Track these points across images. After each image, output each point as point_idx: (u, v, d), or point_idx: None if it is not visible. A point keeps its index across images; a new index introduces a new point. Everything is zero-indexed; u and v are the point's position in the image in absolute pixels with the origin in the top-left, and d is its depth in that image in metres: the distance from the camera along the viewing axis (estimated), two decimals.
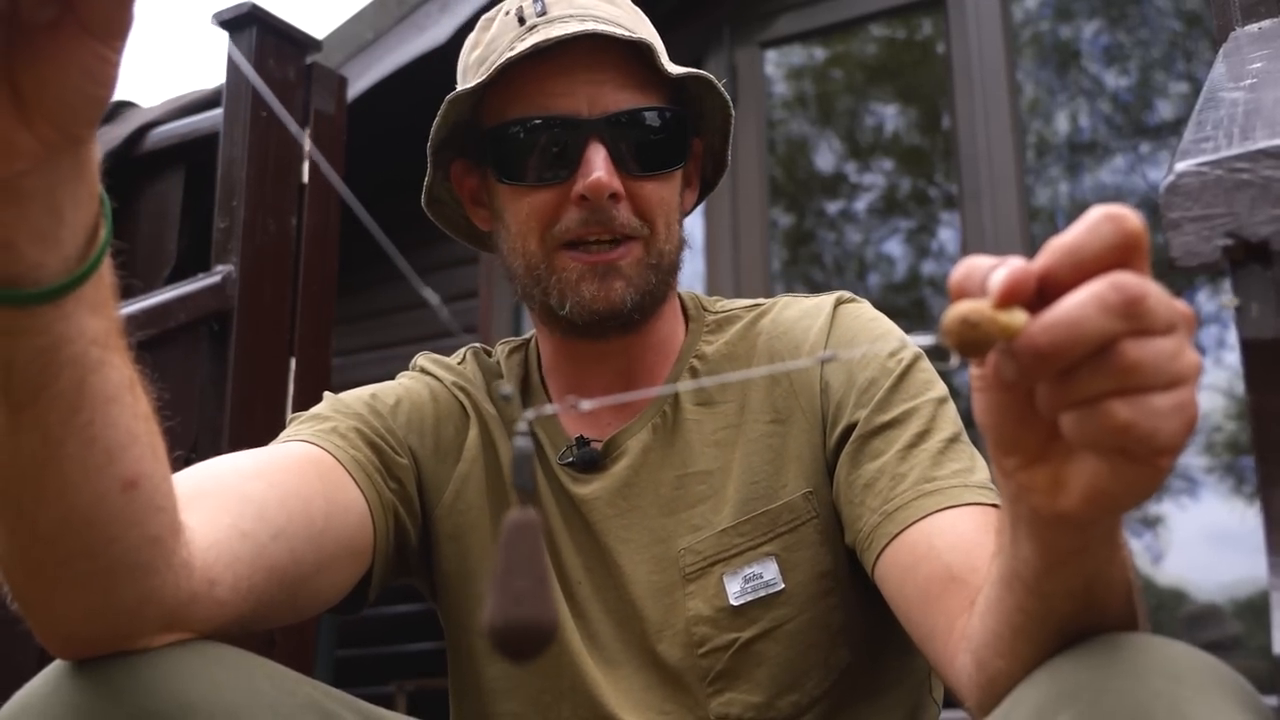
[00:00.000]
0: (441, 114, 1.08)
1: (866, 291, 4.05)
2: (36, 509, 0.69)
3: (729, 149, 1.17)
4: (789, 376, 1.09)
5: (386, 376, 1.19)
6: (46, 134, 0.58)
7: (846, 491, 1.02)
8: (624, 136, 1.05)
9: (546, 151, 1.05)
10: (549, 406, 1.08)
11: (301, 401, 2.09)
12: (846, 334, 1.10)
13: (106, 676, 0.73)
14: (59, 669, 0.75)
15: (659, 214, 1.07)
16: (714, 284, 3.81)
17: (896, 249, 4.20)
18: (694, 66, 1.11)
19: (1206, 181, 0.69)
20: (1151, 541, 3.64)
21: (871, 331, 1.09)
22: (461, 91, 1.07)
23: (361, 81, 3.94)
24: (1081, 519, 0.60)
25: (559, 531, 1.10)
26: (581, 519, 1.10)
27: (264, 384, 2.09)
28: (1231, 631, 3.27)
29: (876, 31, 4.17)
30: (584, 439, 1.12)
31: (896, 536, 0.95)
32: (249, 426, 2.01)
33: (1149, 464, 0.55)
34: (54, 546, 0.70)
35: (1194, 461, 3.55)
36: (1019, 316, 0.54)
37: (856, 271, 4.20)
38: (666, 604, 1.06)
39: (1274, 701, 0.93)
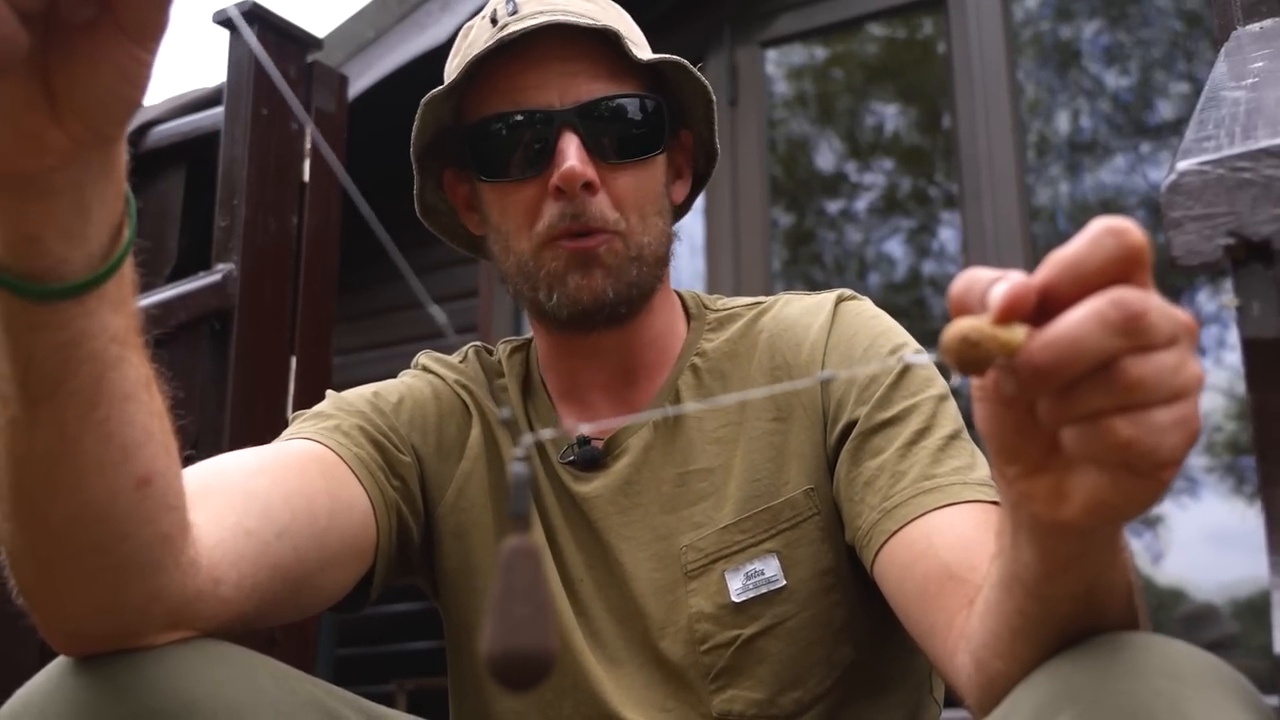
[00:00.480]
0: (419, 117, 1.09)
1: (867, 291, 4.04)
2: (50, 503, 0.69)
3: (715, 137, 1.17)
4: (790, 374, 1.09)
5: (387, 375, 1.19)
6: (77, 131, 0.59)
7: (847, 489, 1.02)
8: (598, 125, 1.05)
9: (522, 145, 1.05)
10: (546, 432, 1.10)
11: (302, 400, 2.09)
12: (847, 332, 1.10)
13: (109, 674, 0.73)
14: (61, 666, 0.75)
15: (634, 206, 1.06)
16: (714, 283, 3.81)
17: (897, 249, 4.20)
18: (695, 66, 1.10)
19: (1208, 180, 0.69)
20: (1151, 541, 3.64)
21: (872, 329, 1.09)
22: (436, 93, 1.07)
23: (362, 80, 3.94)
24: (1082, 528, 0.60)
25: (561, 530, 1.10)
26: (583, 517, 1.10)
27: (265, 382, 2.09)
28: (1229, 631, 3.27)
29: (877, 31, 4.17)
30: (585, 437, 1.12)
31: (895, 534, 0.95)
32: (250, 425, 2.01)
33: (1151, 477, 0.55)
34: (65, 542, 0.70)
35: (1194, 461, 3.55)
36: (1019, 332, 0.53)
37: (857, 271, 4.20)
38: (669, 601, 1.06)
39: (1275, 701, 0.93)
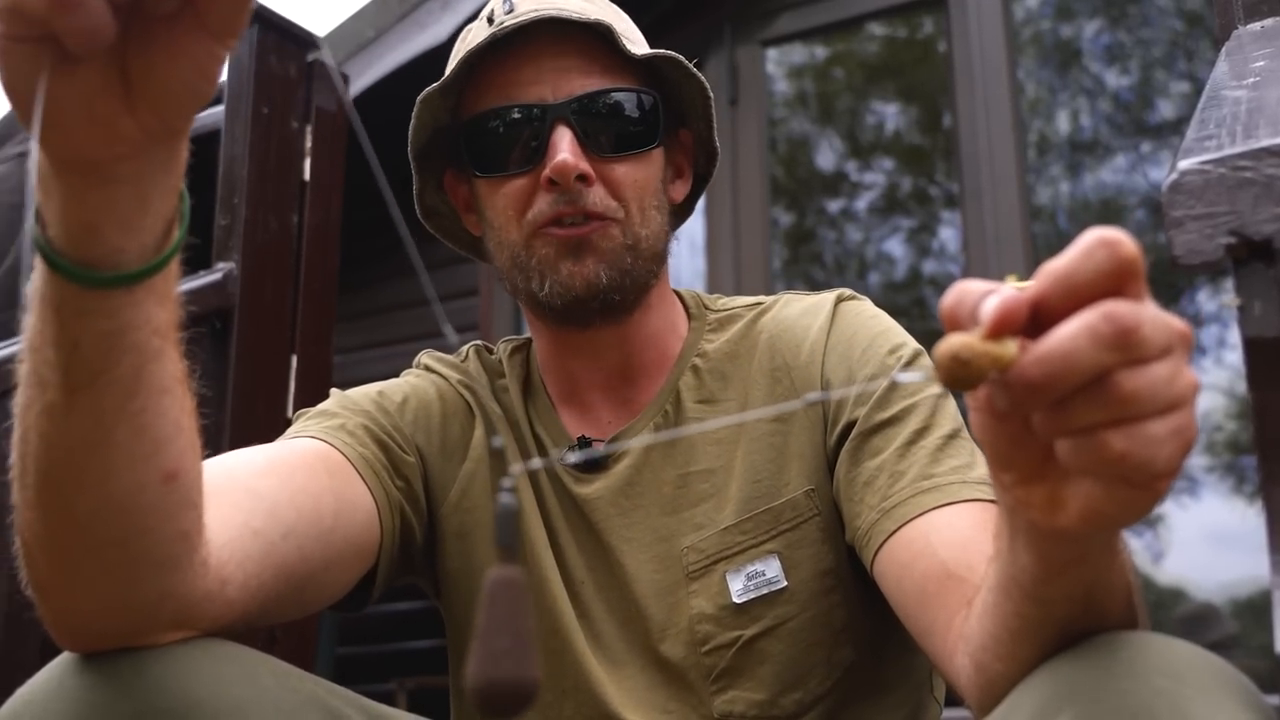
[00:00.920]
0: (415, 116, 1.09)
1: (867, 290, 4.05)
2: (77, 492, 0.69)
3: (714, 135, 1.16)
4: (790, 375, 1.09)
5: (388, 374, 1.19)
6: (148, 122, 0.60)
7: (846, 489, 1.02)
8: (591, 119, 1.05)
9: (516, 140, 1.06)
10: (535, 461, 1.10)
11: (303, 399, 2.09)
12: (847, 332, 1.09)
13: (111, 672, 0.73)
14: (63, 664, 0.75)
15: (632, 196, 1.06)
16: (715, 283, 3.82)
17: (897, 248, 4.20)
18: (695, 66, 1.10)
19: (1209, 180, 0.69)
20: (1152, 541, 3.65)
21: (871, 329, 1.09)
22: (431, 91, 1.08)
23: (363, 79, 3.95)
24: (1079, 535, 0.60)
25: (562, 531, 1.10)
26: (584, 519, 1.10)
27: (265, 381, 2.09)
28: (1229, 631, 3.27)
29: (877, 30, 4.17)
30: (586, 439, 1.12)
31: (894, 534, 0.95)
32: (250, 423, 2.01)
33: (1147, 488, 0.55)
34: (86, 532, 0.70)
35: (1194, 461, 3.55)
36: (1010, 347, 0.53)
37: (857, 270, 4.20)
38: (670, 603, 1.06)
39: (1276, 700, 0.93)
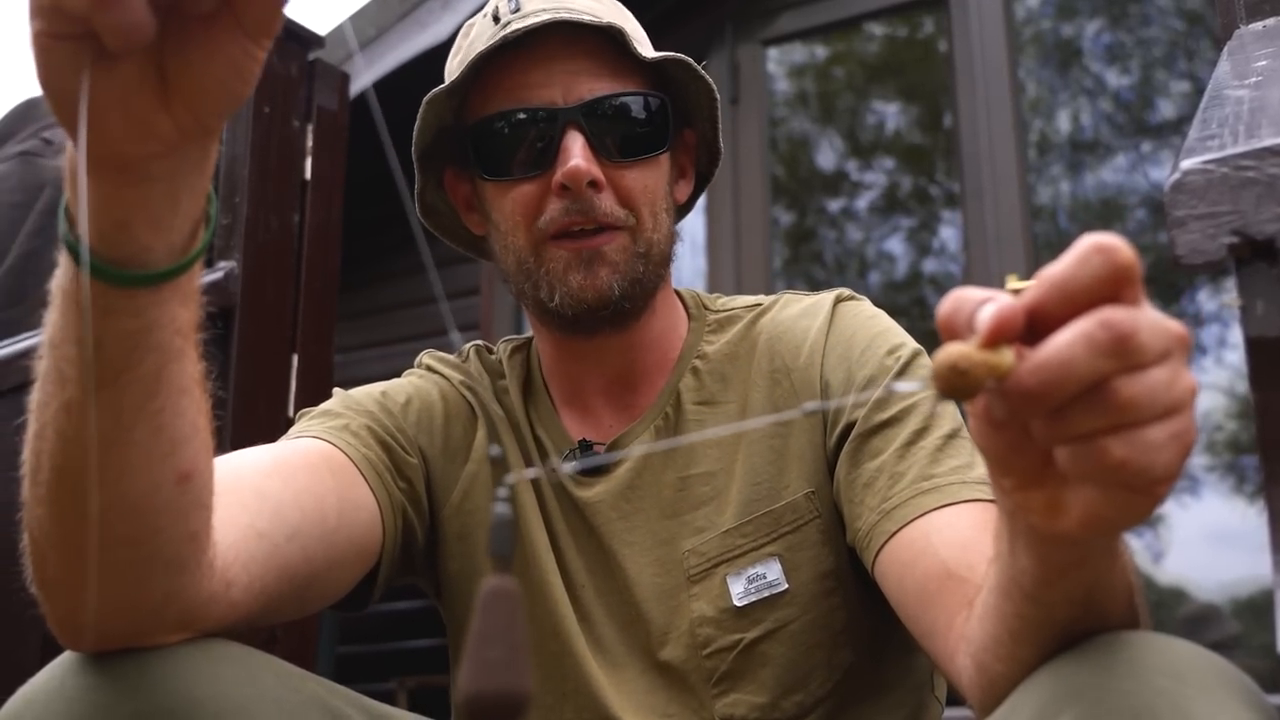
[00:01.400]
0: (421, 116, 1.08)
1: (868, 290, 4.05)
2: (92, 490, 0.69)
3: (719, 136, 1.16)
4: (789, 376, 1.09)
5: (388, 373, 1.19)
6: (184, 120, 0.60)
7: (846, 490, 1.01)
8: (602, 123, 1.05)
9: (525, 143, 1.05)
10: (529, 471, 1.10)
11: (304, 398, 2.09)
12: (845, 332, 1.09)
13: (112, 672, 0.73)
14: (64, 664, 0.75)
15: (643, 202, 1.06)
16: (715, 282, 3.81)
17: (898, 247, 4.20)
18: (696, 64, 1.10)
19: (1212, 179, 0.69)
20: (1152, 540, 3.64)
21: (870, 330, 1.09)
22: (437, 92, 1.07)
23: (363, 78, 3.94)
24: (1079, 539, 0.60)
25: (563, 535, 1.10)
26: (585, 522, 1.10)
27: (266, 380, 2.09)
28: (1231, 631, 3.27)
29: (878, 29, 4.17)
30: (587, 442, 1.11)
31: (895, 535, 0.94)
32: (251, 422, 2.01)
33: (1147, 493, 0.55)
34: (99, 530, 0.70)
35: (1195, 460, 3.54)
36: (1008, 356, 0.53)
37: (858, 270, 4.20)
38: (671, 606, 1.06)
39: (1278, 700, 0.93)
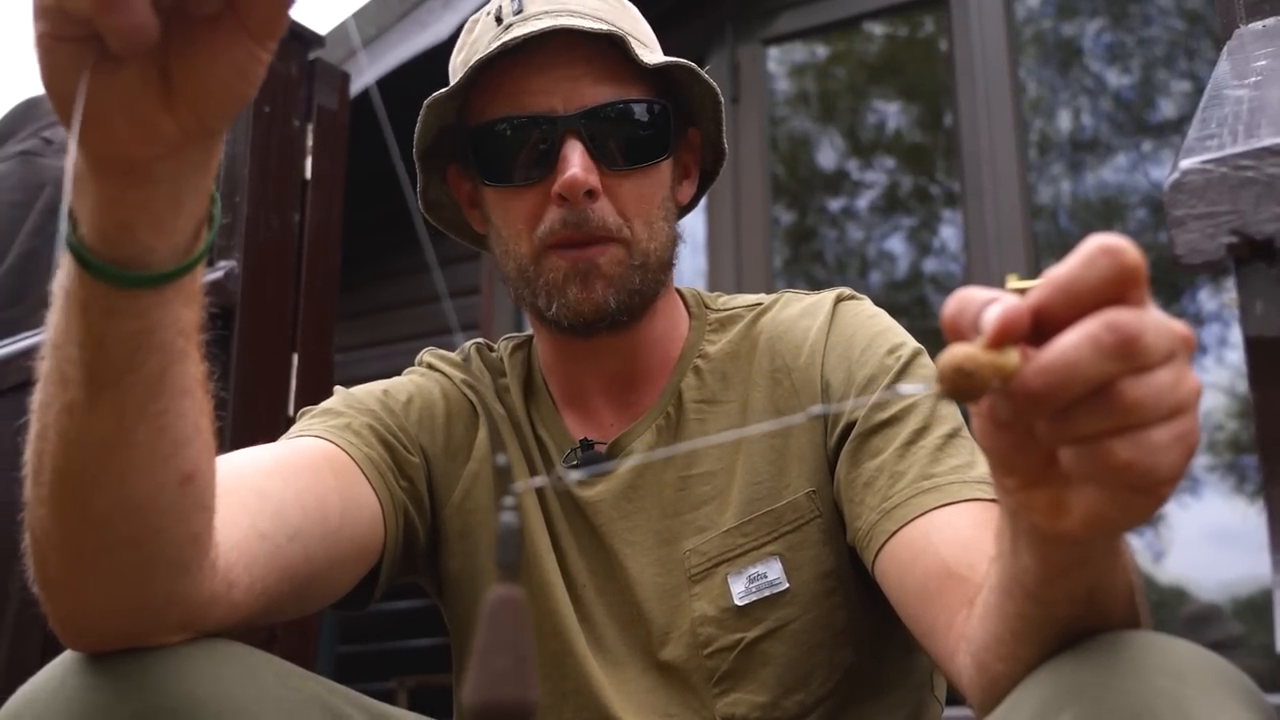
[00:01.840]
0: (422, 119, 1.08)
1: (868, 289, 4.05)
2: (94, 491, 0.69)
3: (724, 137, 1.15)
4: (790, 375, 1.09)
5: (388, 373, 1.19)
6: (187, 122, 0.60)
7: (847, 490, 1.01)
8: (602, 131, 1.04)
9: (525, 150, 1.04)
10: (536, 479, 1.09)
11: (304, 397, 2.09)
12: (846, 332, 1.09)
13: (113, 672, 0.73)
14: (64, 663, 0.75)
15: (638, 213, 1.05)
16: (716, 281, 3.81)
17: (898, 246, 4.20)
18: (696, 63, 1.10)
19: (1211, 179, 0.69)
20: (1153, 540, 3.64)
21: (870, 329, 1.09)
22: (439, 95, 1.06)
23: (364, 77, 3.94)
24: (1082, 539, 0.60)
25: (564, 534, 1.10)
26: (586, 522, 1.10)
27: (266, 379, 2.09)
28: (1232, 631, 3.27)
29: (879, 29, 4.16)
30: (589, 441, 1.11)
31: (895, 534, 0.94)
32: (252, 422, 2.01)
33: (1151, 494, 0.55)
34: (101, 532, 0.70)
35: (1196, 460, 3.54)
36: (1013, 357, 0.53)
37: (858, 269, 4.20)
38: (672, 605, 1.06)
39: (1278, 700, 0.93)
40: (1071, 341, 0.52)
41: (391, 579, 1.07)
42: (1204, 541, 3.63)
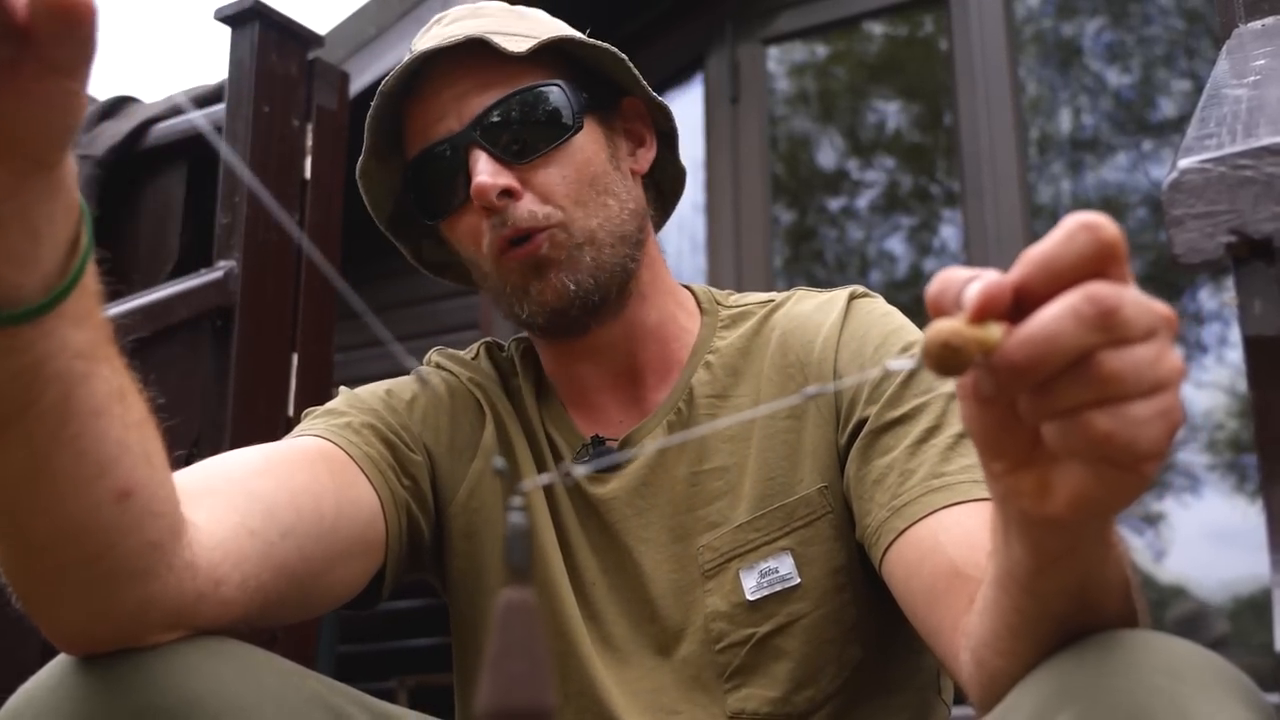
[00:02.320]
0: (363, 189, 1.12)
1: (869, 288, 4.04)
2: (30, 521, 0.68)
3: (646, 88, 1.13)
4: (803, 371, 1.09)
5: (388, 373, 1.19)
6: (16, 165, 0.57)
7: (857, 487, 1.01)
8: (499, 132, 1.05)
9: (444, 178, 1.06)
10: (543, 477, 1.09)
11: (304, 397, 2.09)
12: (859, 330, 1.09)
13: (111, 672, 0.73)
14: (64, 664, 0.75)
15: (566, 194, 1.05)
16: (716, 281, 3.82)
17: (898, 246, 4.20)
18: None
19: (1210, 178, 0.69)
20: (1153, 539, 3.64)
21: (884, 327, 1.09)
22: (363, 163, 1.10)
23: (364, 77, 3.94)
24: (1069, 522, 0.61)
25: (575, 532, 1.10)
26: (599, 519, 1.10)
27: (266, 379, 2.09)
28: (1223, 631, 3.27)
29: (878, 28, 4.16)
30: (600, 438, 1.11)
31: (904, 532, 0.94)
32: (252, 422, 2.01)
33: (1133, 470, 0.55)
34: (49, 556, 0.70)
35: (1196, 459, 3.54)
36: (995, 331, 0.53)
37: (858, 268, 4.20)
38: (686, 601, 1.06)
39: (1276, 699, 0.93)
40: (1052, 313, 0.52)
41: (398, 578, 1.07)
42: (1204, 541, 3.63)
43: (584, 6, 2.15)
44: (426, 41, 1.09)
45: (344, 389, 1.13)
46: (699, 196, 3.95)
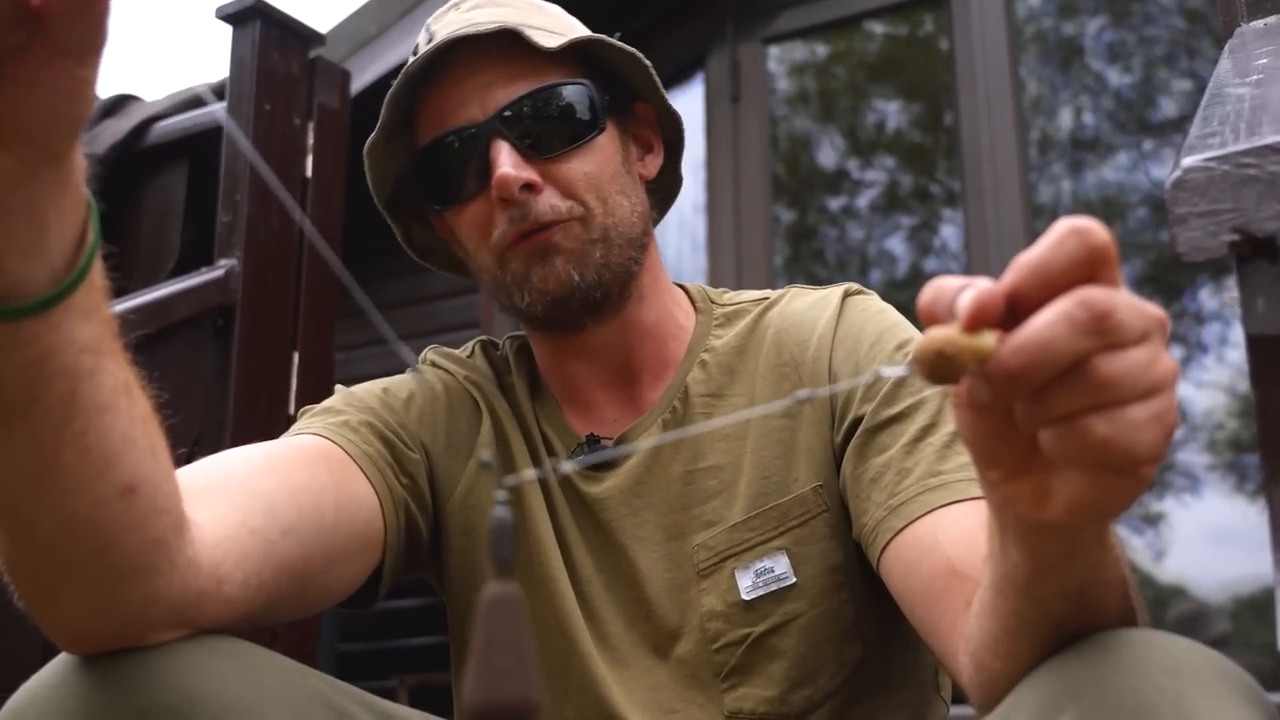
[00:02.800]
0: (368, 168, 1.11)
1: (869, 288, 4.04)
2: (34, 517, 0.68)
3: (665, 99, 1.14)
4: (797, 370, 1.09)
5: (389, 371, 1.19)
6: (25, 153, 0.57)
7: (853, 486, 1.01)
8: (524, 125, 1.05)
9: (460, 166, 1.06)
10: (530, 472, 1.09)
11: (305, 395, 2.09)
12: (854, 327, 1.09)
13: (113, 670, 0.73)
14: (65, 662, 0.75)
15: (587, 189, 1.06)
16: (716, 280, 3.81)
17: (899, 246, 4.20)
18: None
19: (1213, 177, 0.69)
20: (1153, 539, 3.64)
21: (878, 325, 1.09)
22: (373, 141, 1.09)
23: (365, 76, 3.94)
24: (1068, 527, 0.61)
25: (570, 531, 1.10)
26: (594, 518, 1.10)
27: (267, 378, 2.09)
28: (1222, 630, 3.27)
29: (879, 28, 4.16)
30: (594, 437, 1.11)
31: (901, 531, 0.94)
32: (252, 420, 2.01)
33: (1131, 474, 0.55)
34: (53, 553, 0.70)
35: (1196, 459, 3.54)
36: (989, 339, 0.53)
37: (859, 268, 4.20)
38: (681, 601, 1.06)
39: (1278, 698, 0.93)
40: (1045, 319, 0.52)
41: (396, 576, 1.07)
42: (1204, 540, 3.63)
43: (584, 6, 2.15)
44: (449, 26, 1.08)
45: (340, 388, 1.13)
46: (699, 196, 3.95)
